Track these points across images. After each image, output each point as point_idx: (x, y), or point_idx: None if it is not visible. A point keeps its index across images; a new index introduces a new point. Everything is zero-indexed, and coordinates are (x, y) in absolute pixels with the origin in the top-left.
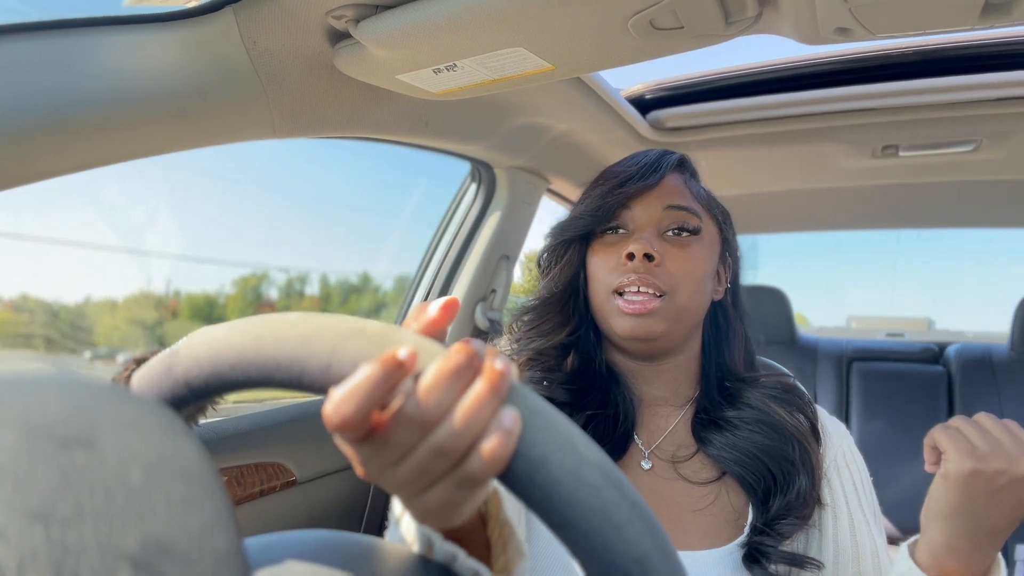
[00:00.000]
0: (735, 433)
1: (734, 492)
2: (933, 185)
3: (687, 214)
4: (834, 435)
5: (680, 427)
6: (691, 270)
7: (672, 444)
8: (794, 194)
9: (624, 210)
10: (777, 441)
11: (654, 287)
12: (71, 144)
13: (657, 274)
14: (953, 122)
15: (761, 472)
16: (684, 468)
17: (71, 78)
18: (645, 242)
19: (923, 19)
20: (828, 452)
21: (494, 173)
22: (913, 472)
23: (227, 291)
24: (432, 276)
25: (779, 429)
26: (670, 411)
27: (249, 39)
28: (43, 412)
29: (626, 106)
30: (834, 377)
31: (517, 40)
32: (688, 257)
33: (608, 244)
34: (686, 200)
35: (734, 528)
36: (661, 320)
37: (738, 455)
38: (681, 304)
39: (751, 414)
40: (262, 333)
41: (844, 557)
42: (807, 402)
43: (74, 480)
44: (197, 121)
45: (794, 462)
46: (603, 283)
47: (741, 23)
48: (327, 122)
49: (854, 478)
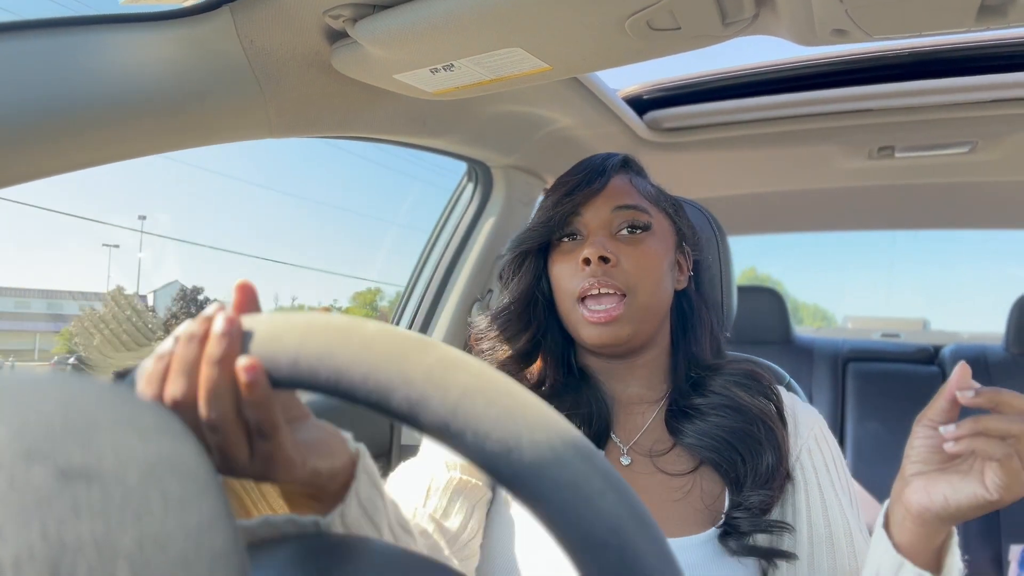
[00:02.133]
0: (704, 420)
1: (709, 480)
2: (929, 186)
3: (635, 212)
4: (804, 420)
5: (656, 423)
6: (647, 266)
7: (649, 440)
8: (790, 195)
9: (575, 216)
10: (742, 422)
11: (614, 287)
12: (66, 143)
13: (615, 274)
14: (949, 123)
15: (730, 454)
16: (662, 461)
17: (67, 76)
18: (599, 245)
19: (919, 20)
20: (800, 435)
21: (491, 173)
22: None
23: (342, 304)
24: (428, 276)
25: (743, 411)
26: (645, 408)
27: (246, 38)
28: (40, 411)
29: (623, 106)
30: (830, 377)
31: (514, 40)
32: (642, 254)
33: (565, 252)
34: (633, 199)
35: (712, 514)
36: (627, 323)
37: (708, 440)
38: (643, 302)
39: (717, 400)
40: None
41: (818, 538)
42: (770, 387)
43: (71, 479)
44: (193, 120)
45: (760, 440)
46: (566, 290)
47: (738, 24)
48: (324, 122)
49: (826, 459)
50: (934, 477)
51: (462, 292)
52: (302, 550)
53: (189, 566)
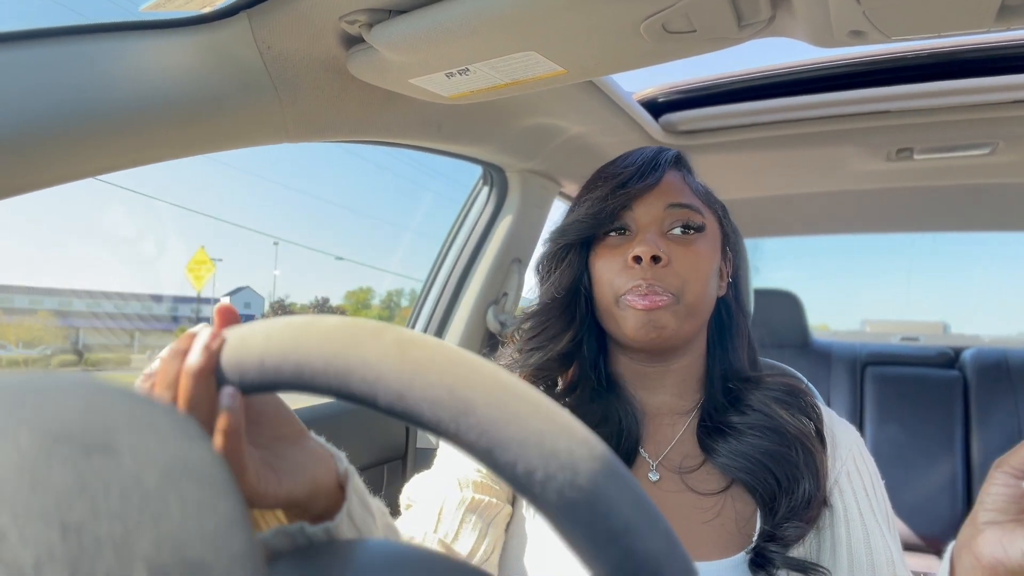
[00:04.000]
0: (739, 439)
1: (741, 501)
2: (948, 188)
3: (690, 211)
4: (843, 439)
5: (686, 436)
6: (698, 268)
7: (679, 454)
8: (807, 197)
9: (626, 211)
10: (780, 445)
11: (662, 289)
12: (86, 148)
13: (665, 276)
14: (969, 125)
15: (766, 478)
16: (691, 479)
17: (87, 83)
18: (651, 243)
19: (938, 21)
20: (838, 457)
21: (506, 176)
22: (928, 478)
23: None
24: (444, 279)
25: (782, 433)
26: (676, 419)
27: (263, 44)
28: (60, 415)
29: (638, 109)
30: (848, 381)
31: (529, 44)
32: (694, 255)
33: (612, 247)
34: (687, 197)
35: (743, 537)
36: (672, 316)
37: (743, 462)
38: (690, 303)
39: (755, 418)
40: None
41: (859, 565)
42: (811, 404)
43: (90, 482)
44: (211, 125)
45: (798, 465)
46: (609, 287)
47: (754, 26)
48: (340, 126)
49: (865, 483)
50: (1011, 528)
51: (477, 295)
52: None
53: (206, 569)
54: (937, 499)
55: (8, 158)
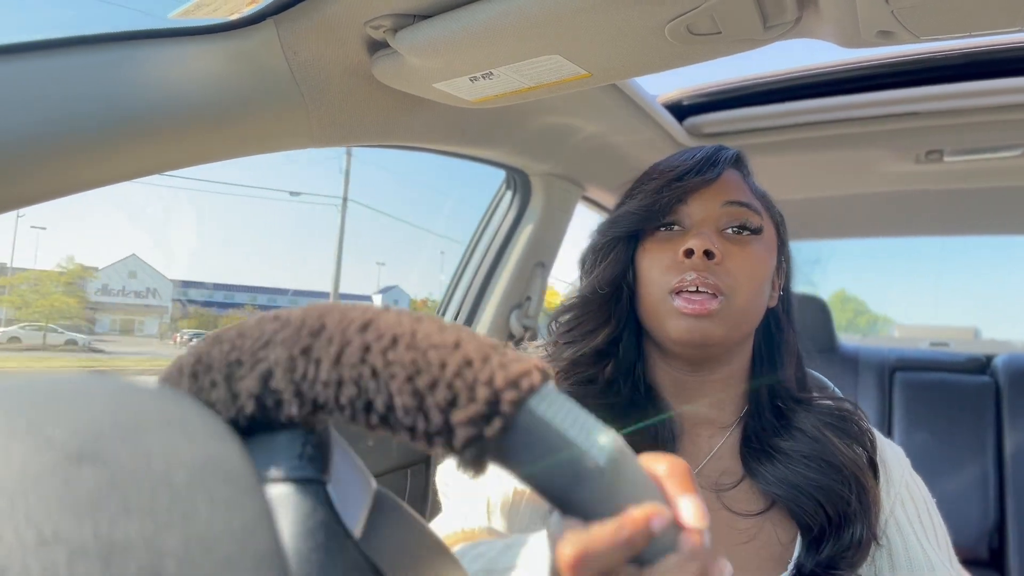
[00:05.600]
0: (788, 467)
1: (781, 526)
2: (979, 191)
3: (748, 211)
4: (894, 467)
5: (725, 450)
6: (752, 271)
7: (716, 469)
8: (835, 200)
9: (680, 205)
10: (834, 480)
11: (713, 287)
12: (114, 154)
13: (717, 273)
14: (1000, 126)
15: (815, 510)
16: (728, 498)
17: (116, 90)
18: (705, 238)
19: (969, 20)
20: (892, 487)
21: (529, 180)
22: (958, 485)
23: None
24: (468, 283)
25: (836, 466)
26: (714, 432)
27: (290, 50)
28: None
29: (662, 112)
30: (876, 387)
31: (553, 48)
32: (749, 256)
33: (662, 241)
34: (746, 196)
35: (779, 563)
36: (720, 324)
37: (790, 491)
38: (740, 306)
39: (807, 446)
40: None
41: None
42: (866, 430)
43: (121, 479)
44: (238, 130)
45: (850, 504)
46: (657, 283)
47: (780, 27)
48: (365, 131)
49: (919, 509)
50: None
51: (500, 299)
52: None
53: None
54: (968, 507)
55: (40, 164)
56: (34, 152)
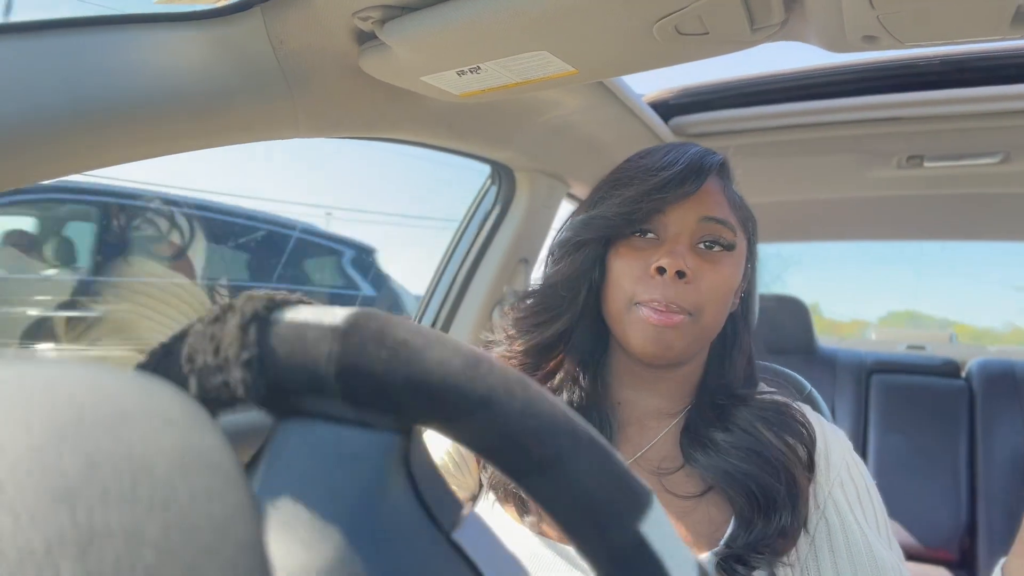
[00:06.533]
0: (721, 457)
1: (716, 508)
2: (958, 197)
3: (724, 228)
4: (835, 449)
5: (668, 438)
6: (721, 289)
7: (657, 455)
8: (817, 203)
9: (658, 214)
10: (764, 471)
11: (679, 307)
12: (97, 140)
13: (686, 293)
14: (980, 133)
15: (746, 496)
16: (669, 481)
17: (99, 75)
18: (678, 257)
19: (953, 28)
20: (832, 470)
21: (514, 176)
22: (932, 486)
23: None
24: (451, 278)
25: (766, 458)
26: (660, 421)
27: (276, 39)
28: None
29: (648, 111)
30: (853, 389)
31: (541, 44)
32: (719, 274)
33: (636, 248)
34: (723, 212)
35: (710, 541)
36: (683, 337)
37: (723, 478)
38: (705, 324)
39: (740, 439)
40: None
41: (863, 572)
42: (802, 423)
43: (100, 465)
44: (222, 119)
45: (779, 494)
46: (626, 291)
47: (767, 29)
48: (351, 123)
49: (859, 490)
50: None
51: (483, 295)
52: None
53: (214, 555)
54: (941, 508)
55: (18, 148)
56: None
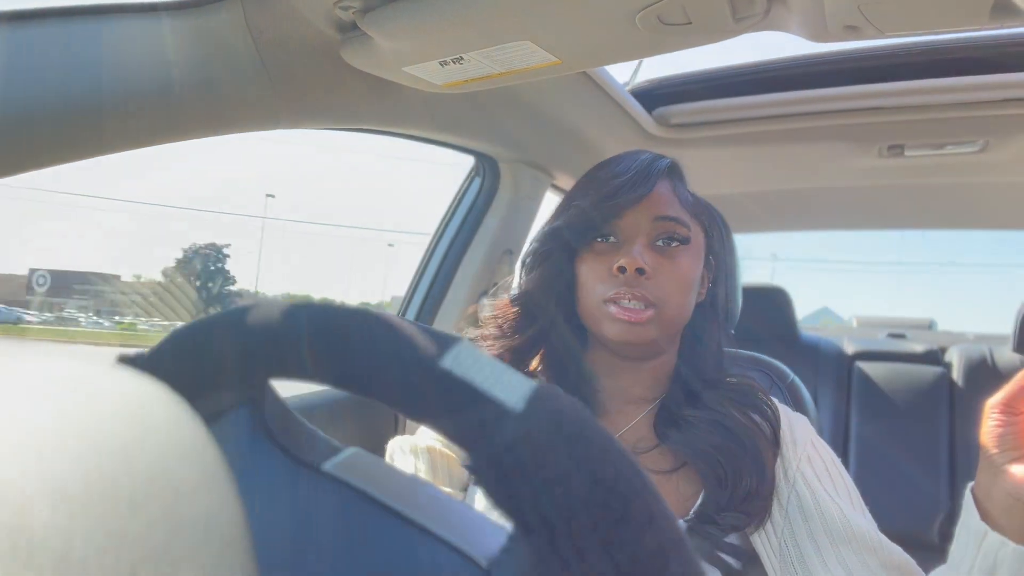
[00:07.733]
0: (691, 432)
1: (687, 481)
2: (939, 186)
3: (676, 224)
4: (799, 430)
5: (644, 421)
6: (680, 281)
7: (633, 436)
8: (799, 193)
9: (615, 219)
10: (730, 441)
11: (644, 299)
12: (73, 131)
13: (647, 287)
14: (959, 122)
15: (715, 467)
16: (644, 458)
17: (76, 65)
18: (636, 256)
19: (933, 18)
20: (798, 447)
21: (498, 167)
22: (913, 472)
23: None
24: (435, 270)
25: (731, 430)
26: (637, 406)
27: (256, 29)
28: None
29: (632, 101)
30: (835, 377)
31: (524, 34)
32: (677, 268)
33: (598, 253)
34: (675, 210)
35: (683, 509)
36: (652, 328)
37: (694, 451)
38: (669, 314)
39: (709, 415)
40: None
41: (840, 537)
42: (767, 403)
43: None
44: (202, 110)
45: (744, 460)
46: (594, 291)
47: (749, 19)
48: (333, 114)
49: (826, 465)
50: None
51: (468, 287)
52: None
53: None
54: (921, 493)
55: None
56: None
